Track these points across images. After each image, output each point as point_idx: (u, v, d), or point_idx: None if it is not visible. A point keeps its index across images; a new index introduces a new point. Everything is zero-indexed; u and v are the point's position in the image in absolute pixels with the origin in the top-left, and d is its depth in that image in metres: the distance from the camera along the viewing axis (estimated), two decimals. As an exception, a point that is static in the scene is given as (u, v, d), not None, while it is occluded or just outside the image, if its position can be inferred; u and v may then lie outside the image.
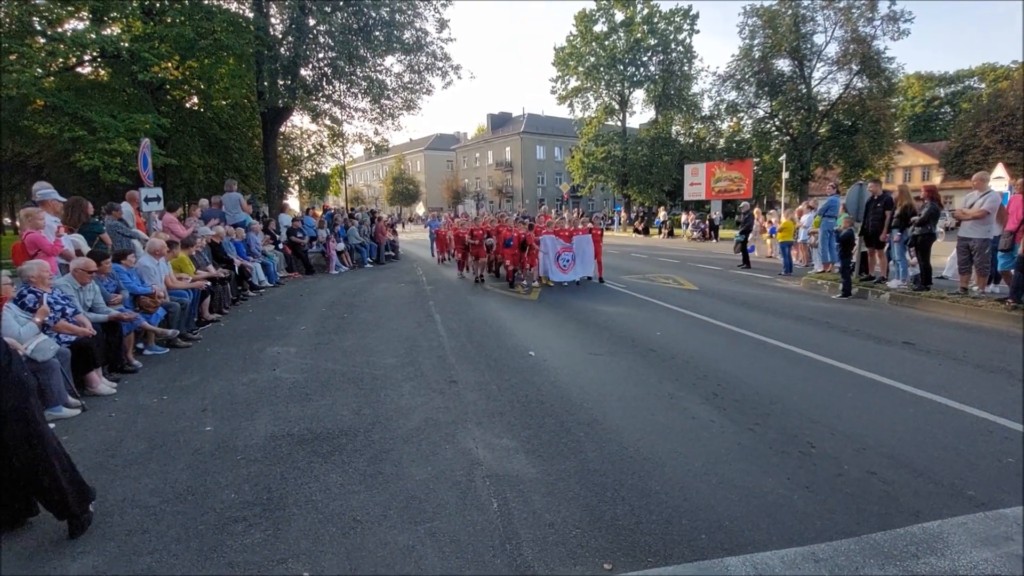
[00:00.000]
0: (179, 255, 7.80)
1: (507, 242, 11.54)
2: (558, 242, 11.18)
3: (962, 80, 58.97)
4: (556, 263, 11.10)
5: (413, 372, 5.61)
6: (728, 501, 3.07)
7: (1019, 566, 2.48)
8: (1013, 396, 4.63)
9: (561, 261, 11.19)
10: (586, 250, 11.59)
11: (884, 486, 3.20)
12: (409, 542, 2.76)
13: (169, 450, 3.90)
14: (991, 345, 6.31)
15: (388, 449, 3.80)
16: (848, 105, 33.94)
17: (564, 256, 11.26)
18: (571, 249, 11.31)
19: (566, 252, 11.26)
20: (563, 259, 11.23)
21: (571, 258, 11.30)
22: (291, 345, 6.81)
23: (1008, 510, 2.92)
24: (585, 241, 11.59)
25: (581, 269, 11.52)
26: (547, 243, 11.19)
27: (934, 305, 8.33)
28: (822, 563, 2.53)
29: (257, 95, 17.18)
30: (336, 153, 24.07)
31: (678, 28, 37.13)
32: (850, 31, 32.22)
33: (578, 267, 11.44)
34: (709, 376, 5.30)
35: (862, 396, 4.75)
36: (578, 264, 11.42)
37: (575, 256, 11.36)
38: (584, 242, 11.58)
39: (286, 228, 14.49)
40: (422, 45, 18.02)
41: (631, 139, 39.46)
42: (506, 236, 11.57)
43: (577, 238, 11.44)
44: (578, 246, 11.44)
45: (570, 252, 11.29)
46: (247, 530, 2.89)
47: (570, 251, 11.30)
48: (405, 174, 67.92)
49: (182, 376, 5.64)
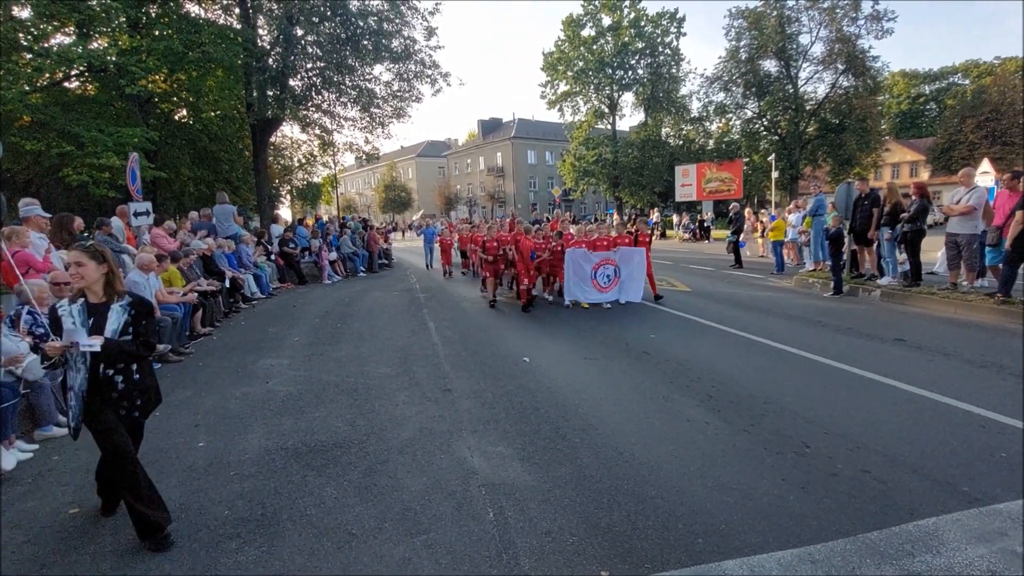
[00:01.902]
0: (169, 269, 7.74)
1: (532, 255, 9.48)
2: (592, 256, 9.24)
3: (946, 77, 59.67)
4: (593, 281, 9.24)
5: (407, 381, 5.59)
6: (724, 504, 3.07)
7: (1015, 562, 2.49)
8: (1004, 391, 4.66)
9: (600, 277, 9.27)
10: (635, 265, 9.44)
11: (879, 484, 3.21)
12: (405, 554, 2.74)
13: (161, 467, 3.85)
14: (981, 340, 6.37)
15: (383, 460, 3.78)
16: (835, 104, 34.31)
17: (604, 271, 9.30)
18: (613, 262, 9.34)
19: (606, 265, 9.30)
20: (602, 275, 9.29)
21: (613, 273, 9.35)
22: (284, 357, 6.77)
23: (1002, 505, 2.94)
24: (635, 253, 9.41)
25: (628, 289, 9.43)
26: (576, 258, 9.19)
27: (924, 301, 8.39)
28: (818, 564, 2.53)
29: (246, 106, 17.17)
30: (327, 162, 24.06)
31: (665, 31, 37.46)
32: (835, 31, 32.61)
33: (624, 285, 9.41)
34: (703, 378, 5.31)
35: (855, 394, 4.77)
36: (624, 281, 9.40)
37: (619, 271, 9.38)
38: (633, 254, 9.41)
39: (278, 238, 14.44)
40: (410, 53, 18.07)
41: (621, 142, 39.67)
42: (528, 247, 9.45)
43: (624, 250, 9.38)
44: (624, 259, 9.38)
45: (611, 266, 9.33)
46: (241, 547, 2.86)
47: (611, 264, 9.34)
48: (397, 181, 67.86)
49: (174, 391, 5.59)
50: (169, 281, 7.68)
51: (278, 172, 24.17)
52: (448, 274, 15.35)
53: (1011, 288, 7.42)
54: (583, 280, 9.26)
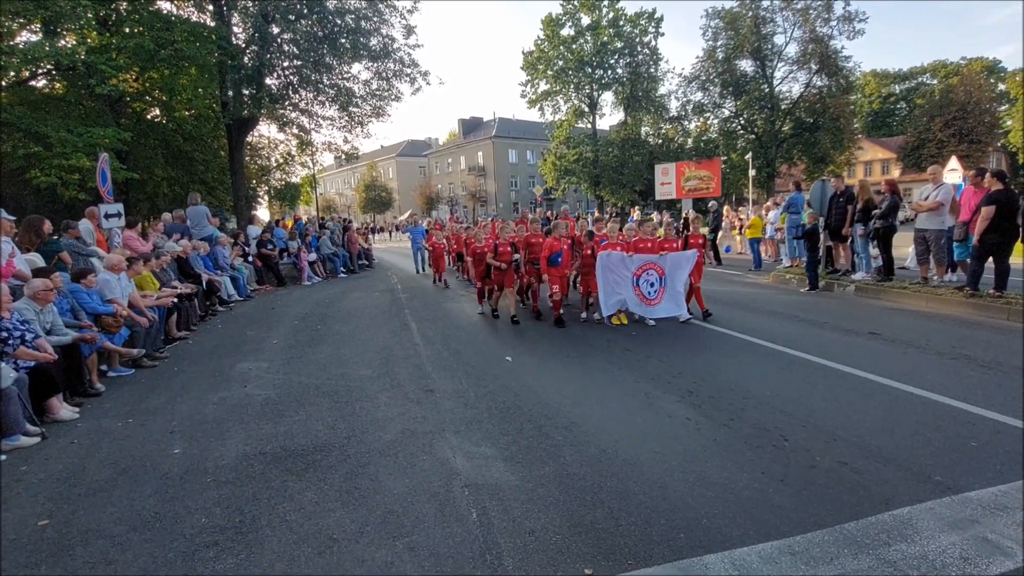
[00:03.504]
0: (142, 272, 7.56)
1: (553, 258, 7.64)
2: (631, 260, 7.48)
3: (915, 77, 61.28)
4: (635, 289, 7.49)
5: (389, 383, 5.53)
6: (705, 498, 3.10)
7: (987, 548, 2.55)
8: (974, 381, 4.79)
9: (643, 286, 7.49)
10: (684, 273, 7.70)
11: (855, 476, 3.27)
12: (388, 558, 2.71)
13: (135, 475, 3.76)
14: (951, 332, 6.54)
15: (364, 463, 3.74)
16: (809, 103, 35.00)
17: (647, 278, 7.50)
18: (658, 268, 7.55)
19: (649, 269, 7.51)
20: (646, 283, 7.50)
21: (659, 282, 7.57)
22: (263, 360, 6.66)
23: (973, 493, 3.01)
24: (683, 260, 7.66)
25: (674, 303, 7.61)
26: (610, 262, 7.44)
27: (897, 295, 8.59)
28: (798, 556, 2.57)
29: (221, 105, 16.82)
30: (305, 162, 23.72)
31: (643, 31, 37.77)
32: (808, 31, 33.28)
33: (671, 296, 7.62)
34: (684, 374, 5.36)
35: (832, 387, 4.86)
36: (669, 291, 7.61)
37: (664, 280, 7.60)
38: (682, 261, 7.65)
39: (255, 240, 14.20)
40: (389, 52, 17.89)
41: (602, 141, 39.90)
42: (554, 248, 7.65)
43: (672, 256, 7.62)
44: (672, 266, 7.60)
45: (657, 272, 7.56)
46: (219, 555, 2.80)
47: (656, 270, 7.54)
48: (377, 181, 67.30)
49: (148, 397, 5.46)
50: (141, 284, 7.50)
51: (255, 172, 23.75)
52: (440, 283, 13.21)
53: (979, 282, 7.64)
54: (622, 287, 7.50)
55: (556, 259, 7.64)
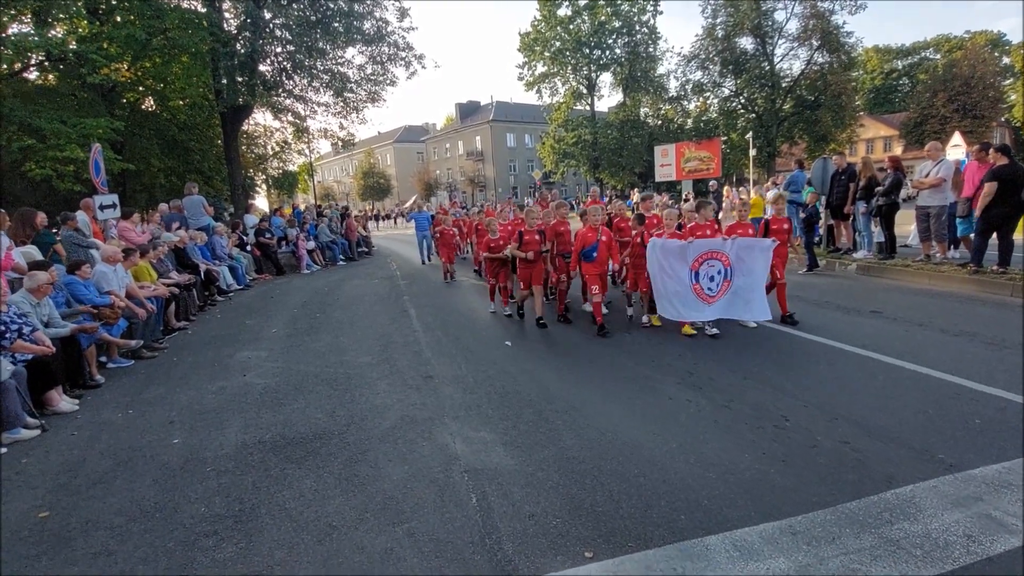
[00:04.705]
0: (139, 263, 7.52)
1: (588, 252, 6.33)
2: (691, 247, 6.02)
3: (918, 52, 60.34)
4: (695, 286, 6.05)
5: (388, 370, 5.51)
6: (706, 479, 3.08)
7: (991, 526, 2.53)
8: (977, 359, 4.75)
9: (703, 281, 6.07)
10: (758, 265, 6.10)
11: (857, 455, 3.25)
12: (388, 544, 2.70)
13: (135, 466, 3.76)
14: (954, 309, 6.49)
15: (364, 450, 3.72)
16: (810, 80, 34.56)
17: (707, 270, 6.06)
18: (723, 257, 6.06)
19: (711, 260, 6.06)
20: (706, 277, 6.07)
21: (723, 275, 6.09)
22: (262, 349, 6.64)
23: (977, 470, 2.99)
24: (759, 248, 6.12)
25: (746, 300, 6.09)
26: (664, 252, 6.04)
27: (899, 273, 8.52)
28: (799, 536, 2.55)
29: (215, 93, 16.64)
30: (302, 150, 23.54)
31: (641, 9, 37.20)
32: (809, 6, 32.74)
33: (739, 293, 6.11)
34: (684, 356, 5.34)
35: (833, 366, 4.82)
36: (739, 289, 6.10)
37: (731, 272, 6.09)
38: (757, 249, 6.12)
39: (253, 229, 14.13)
40: (383, 35, 17.63)
41: (600, 123, 39.53)
42: (587, 240, 6.31)
43: (742, 243, 6.10)
44: (742, 254, 6.08)
45: (720, 263, 6.07)
46: (218, 544, 2.80)
47: (720, 260, 6.06)
48: (375, 168, 66.87)
49: (148, 388, 5.46)
50: (139, 275, 7.46)
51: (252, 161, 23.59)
52: (449, 276, 11.49)
53: (983, 258, 7.56)
54: (679, 284, 6.04)
55: (591, 253, 6.30)
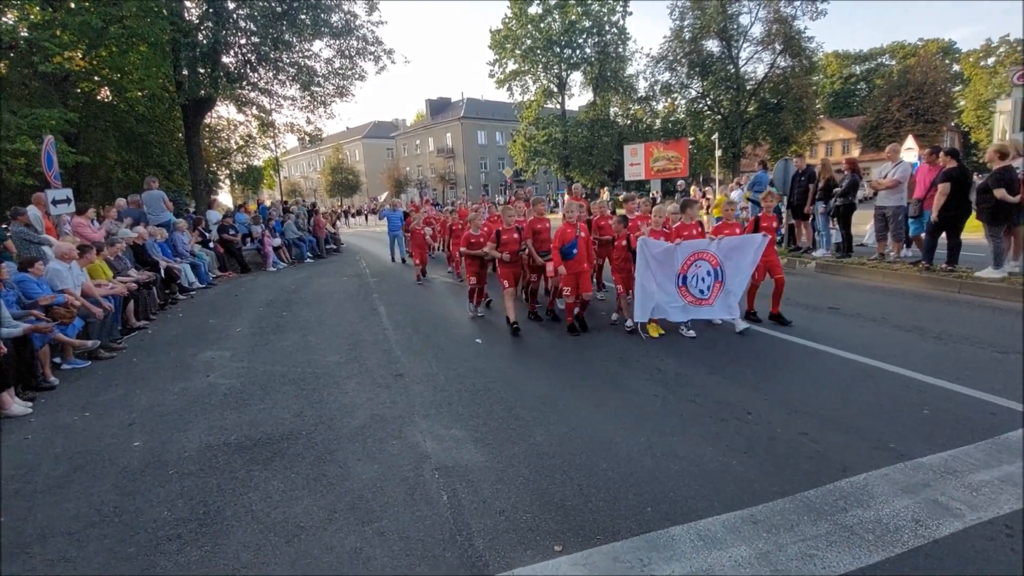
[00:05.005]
0: (94, 261, 7.23)
1: (567, 249, 6.02)
2: (679, 249, 5.86)
3: (875, 58, 62.65)
4: (681, 288, 5.91)
5: (357, 368, 5.46)
6: (672, 472, 3.16)
7: (937, 511, 2.67)
8: (926, 352, 5.00)
9: (691, 284, 5.92)
10: (747, 264, 5.93)
11: (815, 445, 3.38)
12: (357, 544, 2.68)
13: (93, 470, 3.63)
14: (906, 306, 6.79)
15: (332, 450, 3.69)
16: (773, 84, 35.49)
17: (696, 272, 5.91)
18: (711, 258, 5.91)
19: (699, 260, 5.90)
20: (694, 280, 5.92)
21: (714, 276, 5.94)
22: (226, 349, 6.48)
23: (925, 459, 3.15)
24: (746, 245, 5.92)
25: (734, 300, 6.01)
26: (652, 253, 5.83)
27: (855, 271, 8.86)
28: (760, 524, 2.64)
29: (176, 85, 16.10)
30: (267, 144, 22.96)
31: (611, 10, 37.56)
32: (773, 11, 33.61)
33: (730, 293, 5.99)
34: (650, 352, 5.44)
35: (792, 361, 5.00)
36: (729, 286, 5.98)
37: (722, 272, 5.96)
38: (747, 246, 5.91)
39: (216, 225, 13.75)
40: (351, 29, 17.34)
41: (571, 121, 39.80)
42: (566, 236, 6.02)
43: (728, 241, 5.92)
44: (733, 253, 5.92)
45: (710, 264, 5.92)
46: (182, 548, 2.73)
47: (709, 261, 5.91)
48: (344, 164, 65.76)
49: (106, 389, 5.27)
50: (94, 273, 7.18)
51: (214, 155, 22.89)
52: (421, 275, 11.07)
53: (933, 257, 7.92)
54: (664, 286, 5.88)
55: (571, 251, 5.98)
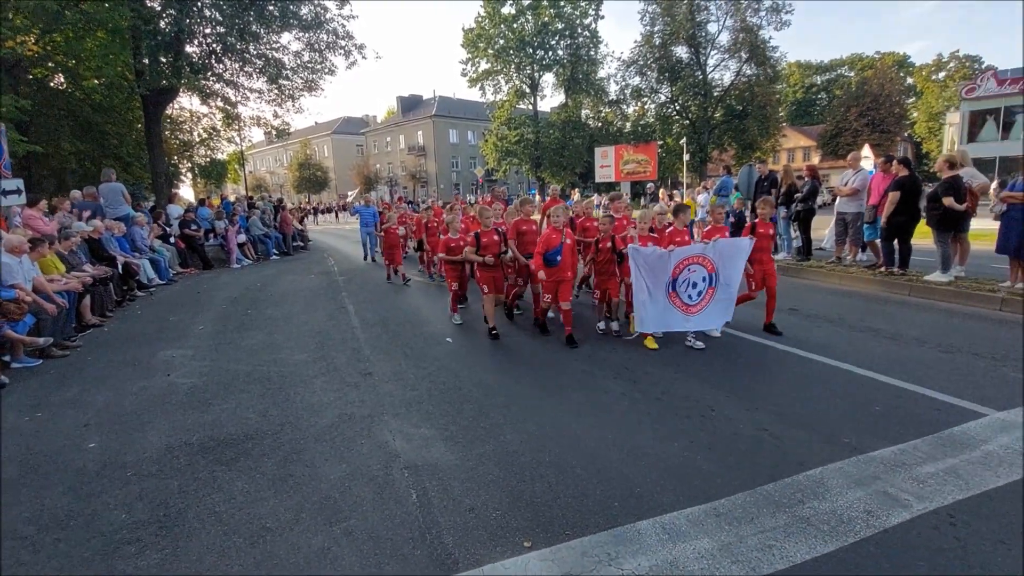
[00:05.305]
0: (47, 255, 6.93)
1: (551, 256, 5.71)
2: (672, 255, 5.47)
3: (835, 68, 65.05)
4: (671, 294, 5.54)
5: (325, 367, 5.38)
6: (639, 467, 3.23)
7: (887, 502, 2.80)
8: (878, 351, 5.23)
9: (681, 289, 5.57)
10: (735, 268, 5.61)
11: (774, 441, 3.51)
12: (324, 544, 2.65)
13: (46, 473, 3.48)
14: (861, 307, 7.08)
15: (299, 450, 3.63)
16: (739, 91, 36.49)
17: (688, 277, 5.55)
18: (706, 262, 5.54)
19: (692, 265, 5.53)
20: (685, 284, 5.56)
21: (707, 282, 5.59)
22: (187, 347, 6.30)
23: (876, 452, 3.30)
24: (738, 249, 5.62)
25: (723, 309, 5.68)
26: (645, 260, 5.47)
27: (814, 274, 9.19)
28: (722, 517, 2.73)
29: (136, 74, 15.51)
30: (232, 138, 22.35)
31: (583, 13, 37.95)
32: (739, 20, 34.53)
33: (720, 300, 5.65)
34: (618, 351, 5.53)
35: (754, 360, 5.16)
36: (721, 294, 5.64)
37: (715, 278, 5.61)
38: (737, 250, 5.61)
39: (177, 219, 13.32)
40: (321, 22, 17.03)
41: (543, 122, 40.04)
42: (551, 242, 5.74)
43: (723, 244, 5.58)
44: (724, 256, 5.57)
45: (704, 268, 5.56)
46: (141, 551, 2.66)
47: (703, 265, 5.55)
48: (311, 159, 64.51)
49: (59, 389, 5.06)
50: (47, 268, 6.88)
51: (176, 148, 22.15)
52: (394, 275, 10.56)
53: (893, 260, 8.27)
54: (656, 293, 5.51)
55: (555, 257, 5.68)
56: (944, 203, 7.29)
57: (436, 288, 9.68)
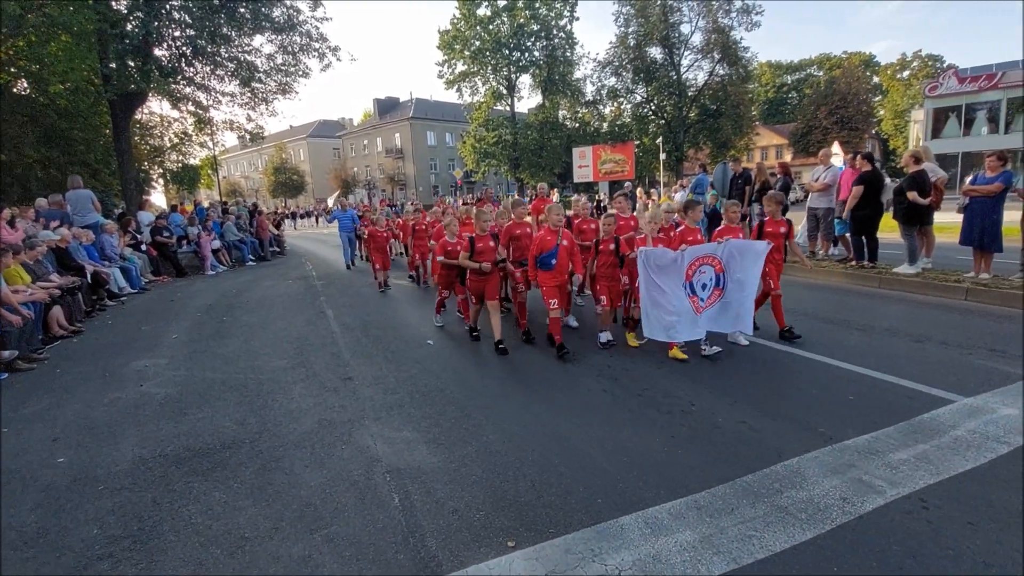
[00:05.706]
0: (11, 265, 6.71)
1: (546, 259, 5.47)
2: (684, 256, 5.12)
3: (804, 68, 66.53)
4: (691, 299, 5.23)
5: (304, 373, 5.31)
6: (621, 463, 3.25)
7: (862, 489, 2.87)
8: (851, 343, 5.35)
9: (697, 287, 5.26)
10: (750, 270, 5.22)
11: (753, 433, 3.56)
12: (305, 552, 2.61)
13: (12, 490, 3.37)
14: (832, 300, 7.24)
15: (278, 457, 3.57)
16: (713, 91, 37.09)
17: (700, 278, 5.26)
18: (715, 262, 5.25)
19: (703, 265, 5.24)
20: (699, 286, 5.26)
21: (714, 282, 5.29)
22: (161, 356, 6.16)
23: (851, 441, 3.37)
24: (751, 250, 5.24)
25: (733, 314, 5.29)
26: (656, 263, 5.12)
27: (788, 268, 9.31)
28: (703, 509, 2.76)
29: (103, 78, 15.12)
30: (204, 142, 21.91)
31: (559, 14, 38.15)
32: (711, 21, 35.10)
33: (729, 304, 5.29)
34: (599, 350, 5.56)
35: (732, 354, 5.23)
36: (732, 298, 5.28)
37: (724, 279, 5.30)
38: (749, 251, 5.24)
39: (148, 227, 13.01)
40: (295, 24, 16.82)
41: (520, 124, 40.15)
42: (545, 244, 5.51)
43: (735, 244, 5.24)
44: (736, 257, 5.23)
45: (713, 268, 5.27)
46: (115, 566, 2.58)
47: (712, 265, 5.26)
48: (287, 164, 63.64)
49: (26, 403, 4.89)
50: (9, 278, 6.65)
51: (147, 153, 21.65)
52: (383, 285, 9.89)
53: (862, 254, 8.47)
54: (674, 302, 5.10)
55: (550, 260, 5.44)
56: (908, 197, 7.49)
57: (419, 292, 9.62)
